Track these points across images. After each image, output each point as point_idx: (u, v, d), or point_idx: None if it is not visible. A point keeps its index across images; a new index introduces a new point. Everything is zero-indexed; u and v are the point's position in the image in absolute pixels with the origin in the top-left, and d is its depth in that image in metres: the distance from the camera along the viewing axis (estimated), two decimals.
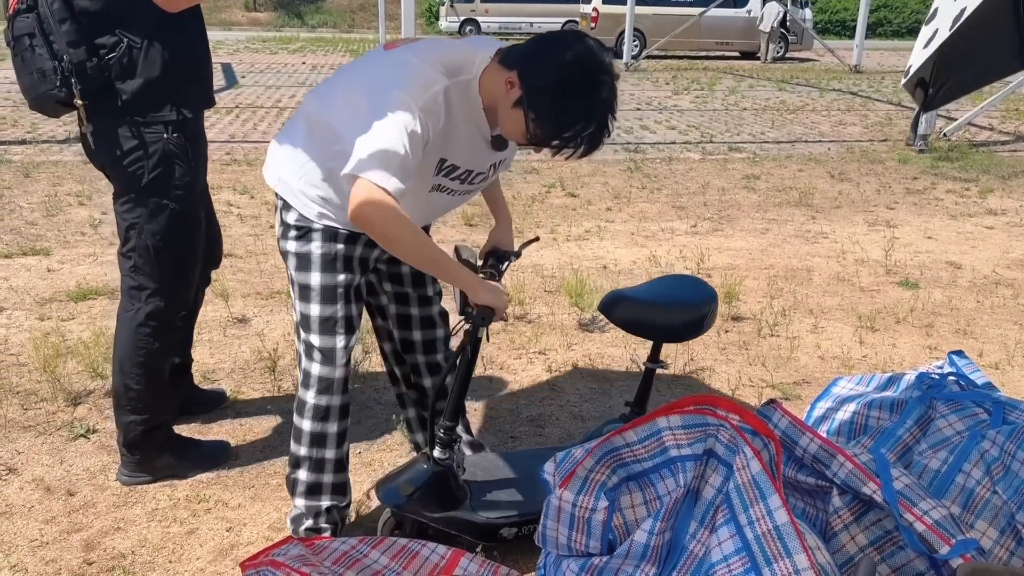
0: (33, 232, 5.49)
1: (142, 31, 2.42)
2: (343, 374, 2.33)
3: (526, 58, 1.95)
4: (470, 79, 2.05)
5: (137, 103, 2.46)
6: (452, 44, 2.11)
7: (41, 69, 2.36)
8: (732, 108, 12.58)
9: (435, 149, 2.06)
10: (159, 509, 2.70)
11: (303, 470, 2.38)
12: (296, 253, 2.26)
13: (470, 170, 2.20)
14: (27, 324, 4.05)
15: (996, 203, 6.89)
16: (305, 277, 2.26)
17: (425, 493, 2.33)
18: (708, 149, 9.15)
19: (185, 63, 2.54)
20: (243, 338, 3.97)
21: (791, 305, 4.52)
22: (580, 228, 5.97)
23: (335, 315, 2.27)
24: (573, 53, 1.92)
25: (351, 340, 2.32)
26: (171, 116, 2.51)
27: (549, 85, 1.91)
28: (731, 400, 1.95)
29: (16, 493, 2.76)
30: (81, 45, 2.36)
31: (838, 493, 1.96)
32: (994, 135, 10.28)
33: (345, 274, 2.27)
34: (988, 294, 4.77)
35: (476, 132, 2.11)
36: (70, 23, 2.35)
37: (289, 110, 11.24)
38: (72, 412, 3.25)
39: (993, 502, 2.02)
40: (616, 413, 3.36)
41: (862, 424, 2.42)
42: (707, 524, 1.74)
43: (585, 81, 1.91)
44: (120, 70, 2.42)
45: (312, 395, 2.32)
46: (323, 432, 2.35)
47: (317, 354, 2.30)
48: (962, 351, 2.64)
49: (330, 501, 2.41)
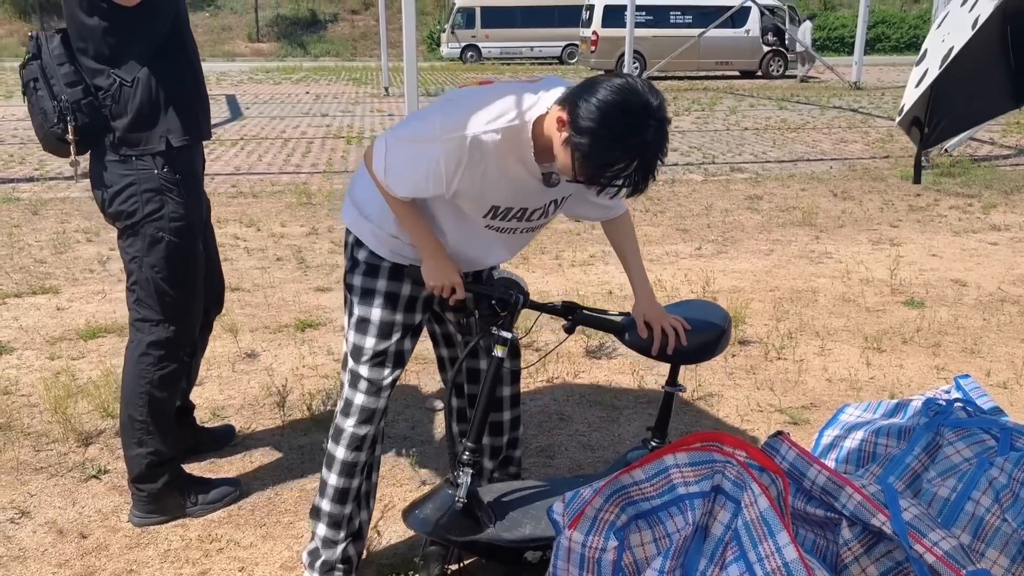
0: (42, 270, 5.53)
1: (133, 70, 2.53)
2: (384, 405, 2.40)
3: (575, 97, 1.98)
4: (521, 123, 2.08)
5: (128, 138, 2.57)
6: (517, 87, 2.15)
7: (44, 109, 2.52)
8: (733, 128, 12.64)
9: (475, 195, 2.15)
10: (171, 550, 2.70)
11: (326, 500, 2.42)
12: (362, 288, 2.36)
13: (524, 208, 2.25)
14: (37, 364, 4.07)
15: (999, 218, 6.89)
16: (367, 311, 2.35)
17: (451, 518, 2.35)
18: (710, 170, 9.19)
19: (175, 98, 2.62)
20: (252, 373, 3.99)
21: (797, 327, 4.52)
22: (585, 253, 5.99)
23: (388, 350, 2.36)
24: (618, 94, 1.93)
25: (395, 374, 2.40)
26: (160, 147, 2.59)
27: (592, 125, 1.93)
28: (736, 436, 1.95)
29: (29, 537, 2.77)
30: (78, 85, 2.51)
31: (847, 525, 1.95)
32: (995, 149, 10.29)
33: (405, 313, 2.37)
34: (994, 312, 4.76)
35: (523, 170, 2.14)
36: (68, 66, 2.51)
37: (294, 141, 11.33)
38: (83, 453, 3.27)
39: (1003, 530, 2.01)
40: (624, 441, 3.36)
41: (870, 452, 2.42)
42: (717, 562, 1.74)
43: (627, 123, 1.92)
44: (113, 108, 2.54)
45: (351, 423, 2.38)
46: (352, 462, 2.40)
47: (364, 384, 2.37)
48: (968, 375, 2.64)
49: (348, 539, 2.44)
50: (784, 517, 1.67)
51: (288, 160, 9.88)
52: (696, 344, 2.40)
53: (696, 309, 2.53)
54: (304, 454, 3.28)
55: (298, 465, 3.20)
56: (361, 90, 19.61)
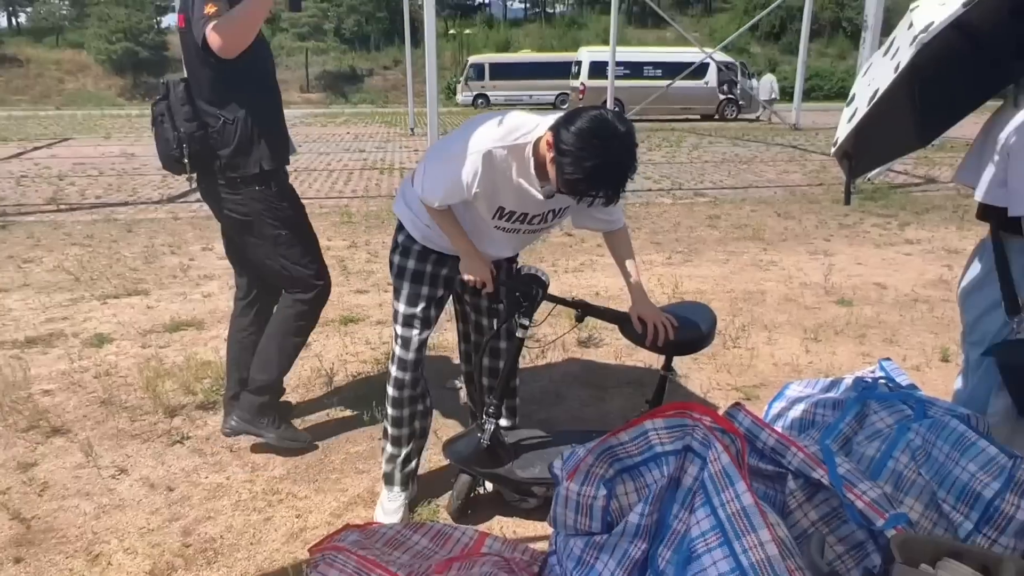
0: (135, 276, 5.55)
1: (234, 111, 2.66)
2: (415, 357, 2.50)
3: (559, 124, 2.00)
4: (525, 143, 2.12)
5: (232, 164, 2.71)
6: (531, 116, 2.19)
7: (167, 138, 2.69)
8: (696, 161, 12.63)
9: (487, 197, 2.20)
10: (242, 501, 2.71)
11: (388, 424, 2.60)
12: (397, 264, 2.49)
13: (525, 213, 2.28)
14: (132, 351, 4.08)
15: (913, 234, 6.89)
16: (399, 283, 2.49)
17: (477, 454, 2.45)
18: (677, 195, 9.18)
19: (265, 132, 2.74)
20: (304, 359, 3.99)
21: (749, 322, 4.52)
22: (576, 262, 5.98)
23: (415, 314, 2.47)
24: (591, 123, 1.95)
25: (425, 334, 2.50)
26: (256, 171, 2.73)
27: (570, 148, 1.94)
28: (703, 405, 1.95)
29: (127, 490, 2.78)
30: (193, 121, 2.66)
31: (792, 477, 1.95)
32: (909, 178, 10.29)
33: (429, 287, 2.48)
34: (909, 309, 4.76)
35: (525, 181, 2.17)
36: (187, 106, 2.66)
37: (337, 171, 11.35)
38: (170, 423, 3.28)
39: (918, 482, 2.00)
40: (610, 415, 3.36)
41: (810, 420, 2.41)
42: (687, 506, 1.74)
43: (597, 146, 1.94)
44: (219, 140, 2.67)
45: (393, 369, 2.53)
46: (398, 397, 2.53)
47: (399, 340, 2.50)
48: (890, 358, 2.63)
49: (405, 456, 2.60)
50: (742, 470, 1.67)
51: (332, 187, 9.90)
52: (685, 338, 2.40)
53: (688, 310, 2.53)
54: (348, 424, 3.28)
55: (343, 433, 3.21)
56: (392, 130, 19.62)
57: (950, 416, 2.05)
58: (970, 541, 1.84)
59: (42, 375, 3.77)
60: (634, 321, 2.37)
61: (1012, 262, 2.14)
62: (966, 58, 2.22)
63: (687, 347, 2.44)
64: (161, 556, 2.40)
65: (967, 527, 1.88)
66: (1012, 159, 2.03)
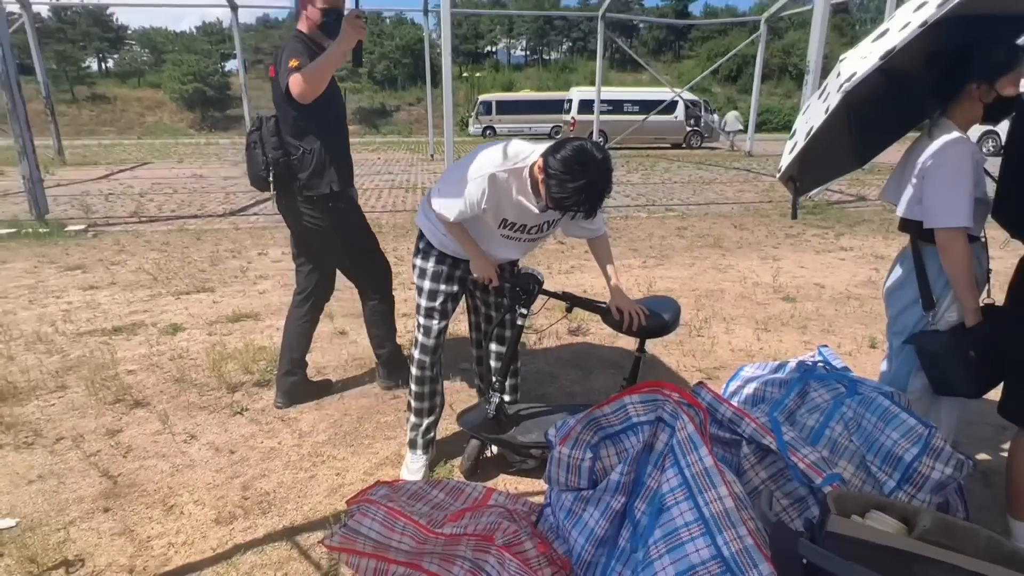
0: (203, 276, 5.55)
1: (311, 143, 2.76)
2: (435, 343, 2.50)
3: (548, 152, 2.02)
4: (524, 166, 2.14)
5: (308, 184, 2.80)
6: (528, 144, 2.20)
7: (257, 161, 2.79)
8: (667, 181, 12.59)
9: (493, 210, 2.22)
10: (291, 462, 2.71)
11: (411, 399, 2.59)
12: (419, 266, 2.49)
13: (524, 224, 2.29)
14: (200, 338, 4.09)
15: (847, 242, 6.87)
16: (421, 282, 2.48)
17: (485, 423, 2.48)
18: (652, 210, 9.16)
19: (335, 160, 2.83)
20: (343, 345, 4.00)
21: (711, 315, 4.51)
22: (567, 264, 5.98)
23: (434, 307, 2.47)
24: (574, 151, 1.97)
25: (443, 323, 2.50)
26: (327, 191, 2.82)
27: (556, 171, 1.96)
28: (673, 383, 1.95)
29: (196, 452, 2.79)
30: (279, 150, 2.75)
31: (746, 444, 1.95)
32: (843, 196, 10.24)
33: (445, 284, 2.47)
34: (843, 305, 4.74)
35: (524, 199, 2.19)
36: (275, 138, 2.77)
37: (369, 190, 11.33)
38: (231, 397, 3.28)
39: (850, 448, 2.00)
40: (595, 391, 3.36)
41: (761, 396, 2.41)
42: (659, 466, 1.74)
43: (578, 170, 1.95)
44: (299, 165, 2.77)
45: (417, 353, 2.52)
46: (421, 376, 2.53)
47: (421, 329, 2.50)
48: (827, 345, 2.63)
49: (425, 425, 2.60)
50: (704, 437, 1.67)
51: (365, 203, 9.88)
52: (655, 325, 2.40)
53: (658, 302, 2.53)
54: (379, 399, 3.28)
55: (375, 406, 3.21)
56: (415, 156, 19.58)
57: (877, 393, 2.06)
58: (893, 497, 1.85)
59: (127, 358, 3.77)
60: (612, 311, 2.38)
61: (928, 266, 2.13)
62: (892, 95, 2.23)
63: (656, 332, 2.44)
64: (224, 507, 2.41)
65: (890, 485, 1.88)
66: (927, 181, 2.03)
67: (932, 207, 2.01)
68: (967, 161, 1.95)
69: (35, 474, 2.62)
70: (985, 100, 2.01)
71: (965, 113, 2.04)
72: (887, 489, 1.88)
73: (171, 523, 2.32)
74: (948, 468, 1.84)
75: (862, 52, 2.02)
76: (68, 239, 6.99)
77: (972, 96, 2.02)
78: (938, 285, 2.12)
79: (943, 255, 2.02)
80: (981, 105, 2.02)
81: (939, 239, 2.01)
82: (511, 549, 1.74)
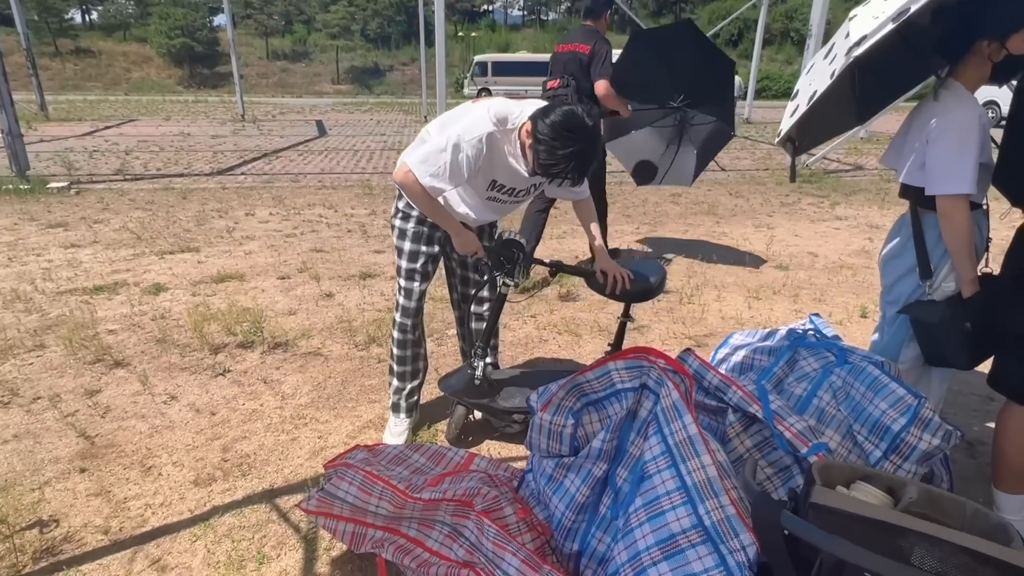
0: (188, 236, 5.45)
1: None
2: (416, 306, 2.45)
3: (537, 116, 1.94)
4: (514, 128, 2.06)
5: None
6: (514, 104, 2.10)
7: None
8: None
9: (485, 172, 2.13)
10: (272, 424, 2.68)
11: (394, 362, 2.54)
12: (399, 227, 2.40)
13: (513, 187, 2.23)
14: (183, 299, 4.02)
15: (842, 212, 6.80)
16: (401, 243, 2.40)
17: (469, 388, 2.43)
18: None
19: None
20: (329, 307, 3.94)
21: (702, 282, 4.47)
22: (559, 230, 5.90)
23: (415, 268, 2.40)
24: (563, 116, 1.90)
25: (424, 285, 2.44)
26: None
27: (544, 137, 1.89)
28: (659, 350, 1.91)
29: (177, 413, 2.75)
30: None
31: (732, 411, 1.93)
32: (840, 165, 10.14)
33: (426, 245, 2.39)
34: (835, 274, 4.71)
35: (514, 162, 2.12)
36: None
37: (361, 151, 11.14)
38: (214, 358, 3.23)
39: (837, 417, 1.98)
40: (584, 356, 3.33)
41: (749, 364, 2.38)
42: (642, 434, 1.71)
43: (564, 136, 1.89)
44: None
45: (398, 315, 2.47)
46: (402, 339, 2.49)
47: (402, 291, 2.44)
48: (818, 314, 2.59)
49: (407, 389, 2.56)
50: (689, 405, 1.63)
51: (357, 164, 9.71)
52: (639, 288, 2.35)
53: (642, 265, 2.48)
54: (364, 362, 3.24)
55: (360, 369, 3.17)
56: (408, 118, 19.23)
57: (867, 362, 2.02)
58: (879, 467, 1.82)
59: (107, 317, 3.71)
60: (597, 275, 2.33)
61: (927, 234, 2.08)
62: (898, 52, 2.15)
63: (641, 295, 2.39)
64: (203, 468, 2.38)
65: (876, 455, 1.86)
66: (931, 145, 1.96)
67: (935, 172, 1.94)
68: (974, 125, 1.88)
69: (10, 433, 2.57)
70: (995, 59, 1.92)
71: (974, 73, 1.96)
72: (873, 459, 1.85)
73: (149, 484, 2.29)
74: (936, 439, 1.81)
75: (873, 11, 1.93)
76: (50, 196, 6.83)
77: (982, 54, 1.93)
78: (936, 254, 2.06)
79: (943, 223, 1.96)
80: (990, 64, 1.94)
81: (940, 206, 1.95)
82: (490, 515, 1.71)
